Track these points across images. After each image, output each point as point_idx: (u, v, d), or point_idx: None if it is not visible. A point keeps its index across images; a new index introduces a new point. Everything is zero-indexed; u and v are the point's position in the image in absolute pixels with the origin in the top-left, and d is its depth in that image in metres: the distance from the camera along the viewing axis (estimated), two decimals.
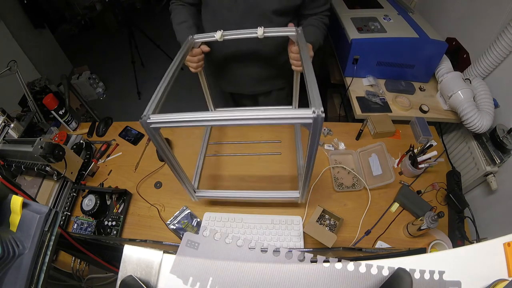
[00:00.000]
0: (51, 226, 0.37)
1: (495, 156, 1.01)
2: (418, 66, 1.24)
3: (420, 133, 1.04)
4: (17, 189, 0.40)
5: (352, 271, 0.33)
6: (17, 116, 1.13)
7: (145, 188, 0.99)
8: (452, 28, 1.29)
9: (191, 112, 0.53)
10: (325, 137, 1.10)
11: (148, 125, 0.54)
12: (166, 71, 0.67)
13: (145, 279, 0.36)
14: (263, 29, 0.76)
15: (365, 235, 0.84)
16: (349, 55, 1.23)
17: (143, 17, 3.74)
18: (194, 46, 0.83)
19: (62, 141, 1.08)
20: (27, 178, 0.96)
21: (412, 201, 0.87)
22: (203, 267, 0.36)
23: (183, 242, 0.38)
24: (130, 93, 2.69)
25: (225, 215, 0.87)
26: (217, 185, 0.98)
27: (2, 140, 0.97)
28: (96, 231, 0.88)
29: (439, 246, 0.78)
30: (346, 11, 1.40)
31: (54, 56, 2.78)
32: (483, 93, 1.05)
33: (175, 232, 0.88)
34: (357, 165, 0.98)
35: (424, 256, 0.34)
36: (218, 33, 0.78)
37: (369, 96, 1.22)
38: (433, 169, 0.96)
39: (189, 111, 0.54)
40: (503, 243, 0.33)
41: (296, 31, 0.78)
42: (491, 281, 0.31)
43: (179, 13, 0.93)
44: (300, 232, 0.82)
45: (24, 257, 0.34)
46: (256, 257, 0.37)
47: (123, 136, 1.16)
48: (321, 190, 0.94)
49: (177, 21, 0.92)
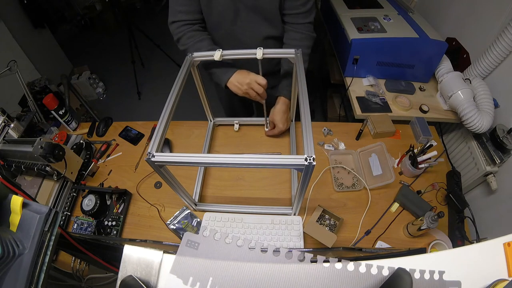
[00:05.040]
0: (51, 226, 0.37)
1: (495, 156, 1.01)
2: (418, 66, 1.24)
3: (420, 133, 1.04)
4: (17, 189, 0.40)
5: (352, 271, 0.33)
6: (17, 116, 1.13)
7: (145, 188, 0.99)
8: (452, 28, 1.29)
9: (193, 154, 0.59)
10: (325, 137, 1.10)
11: (153, 163, 0.60)
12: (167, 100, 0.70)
13: (145, 279, 0.36)
14: (262, 51, 0.79)
15: (365, 235, 0.84)
16: (349, 55, 1.23)
17: (143, 17, 3.74)
18: (194, 64, 0.84)
19: (62, 141, 1.08)
20: (27, 178, 0.96)
21: (412, 201, 0.87)
22: (203, 267, 0.36)
23: (183, 242, 0.38)
24: (130, 93, 2.69)
25: (225, 215, 0.87)
26: (216, 184, 0.99)
27: (2, 140, 0.97)
28: (96, 231, 0.88)
29: (439, 246, 0.78)
30: (346, 11, 1.39)
31: (54, 56, 2.78)
32: (483, 93, 1.05)
33: (175, 232, 0.88)
34: (357, 165, 0.98)
35: (424, 256, 0.34)
36: (217, 53, 0.80)
37: (369, 96, 1.22)
38: (433, 169, 0.96)
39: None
40: (503, 243, 0.33)
41: (295, 53, 0.80)
42: (491, 281, 0.31)
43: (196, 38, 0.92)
44: (300, 232, 0.82)
45: (24, 257, 0.34)
46: (256, 257, 0.37)
47: (123, 136, 1.16)
48: (321, 190, 0.94)
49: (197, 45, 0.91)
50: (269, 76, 0.90)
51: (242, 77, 0.90)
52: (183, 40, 0.93)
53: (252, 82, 0.88)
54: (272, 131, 1.07)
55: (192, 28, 0.92)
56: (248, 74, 0.90)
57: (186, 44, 0.92)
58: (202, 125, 1.15)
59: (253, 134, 1.13)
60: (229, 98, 1.35)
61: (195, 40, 0.91)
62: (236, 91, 0.92)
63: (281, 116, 1.02)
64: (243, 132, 1.14)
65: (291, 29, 0.94)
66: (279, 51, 0.83)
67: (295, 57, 0.79)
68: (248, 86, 0.89)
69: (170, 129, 1.16)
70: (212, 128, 1.13)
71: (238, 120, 1.14)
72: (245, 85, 0.89)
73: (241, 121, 1.14)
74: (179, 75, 0.75)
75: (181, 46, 0.94)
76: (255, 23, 0.92)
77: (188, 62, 0.80)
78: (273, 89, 1.03)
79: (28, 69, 2.26)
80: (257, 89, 0.89)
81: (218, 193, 0.97)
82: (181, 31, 0.92)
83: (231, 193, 0.97)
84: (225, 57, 0.82)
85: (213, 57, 0.80)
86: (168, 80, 1.84)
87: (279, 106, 1.02)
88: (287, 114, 1.04)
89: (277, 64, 1.04)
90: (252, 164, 0.57)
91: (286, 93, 1.00)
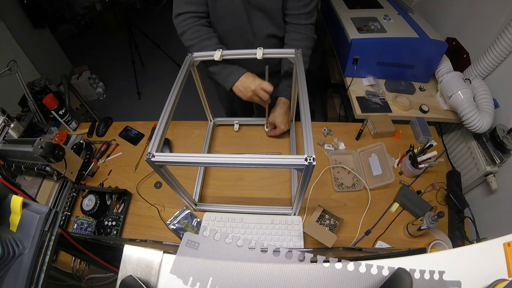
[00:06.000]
0: (51, 226, 0.37)
1: (495, 156, 1.01)
2: (418, 66, 1.24)
3: (420, 133, 1.04)
4: (17, 189, 0.40)
5: (352, 271, 0.33)
6: (17, 116, 1.13)
7: (145, 188, 0.99)
8: (452, 28, 1.29)
9: (193, 154, 0.59)
10: (325, 137, 1.10)
11: (153, 163, 0.60)
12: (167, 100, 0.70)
13: (145, 279, 0.36)
14: (262, 51, 0.79)
15: (365, 235, 0.84)
16: (349, 55, 1.23)
17: (143, 17, 3.74)
18: (194, 64, 0.84)
19: (62, 141, 1.08)
20: (27, 178, 0.96)
21: (412, 201, 0.87)
22: (203, 267, 0.36)
23: (183, 242, 0.38)
24: (130, 93, 2.69)
25: (225, 215, 0.87)
26: (216, 184, 0.99)
27: (2, 140, 0.97)
28: (96, 231, 0.88)
29: (439, 246, 0.78)
30: (346, 11, 1.39)
31: (54, 56, 2.78)
32: (483, 93, 1.05)
33: (175, 232, 0.88)
34: (357, 165, 0.98)
35: (424, 256, 0.34)
36: (217, 53, 0.80)
37: (369, 96, 1.22)
38: (433, 169, 0.96)
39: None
40: (503, 243, 0.33)
41: (295, 53, 0.80)
42: (491, 281, 0.31)
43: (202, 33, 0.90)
44: (300, 232, 0.82)
45: (24, 257, 0.34)
46: (256, 257, 0.37)
47: (123, 136, 1.16)
48: (321, 190, 0.94)
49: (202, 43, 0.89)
50: (269, 76, 0.90)
51: (248, 82, 0.88)
52: (188, 35, 0.89)
53: (258, 89, 0.87)
54: (273, 132, 1.07)
55: (199, 22, 0.89)
56: (254, 79, 0.88)
57: (191, 40, 0.89)
58: (202, 125, 1.15)
59: (253, 134, 1.13)
60: (229, 98, 1.35)
61: (201, 37, 0.89)
62: (240, 95, 0.91)
63: (282, 118, 1.02)
64: (243, 132, 1.14)
65: (292, 30, 0.94)
66: (279, 51, 0.83)
67: (295, 57, 0.79)
68: (253, 93, 0.88)
69: (170, 129, 1.15)
70: (212, 128, 1.13)
71: (238, 120, 1.14)
72: (250, 92, 0.88)
73: (241, 121, 1.14)
74: (179, 75, 0.75)
75: (186, 42, 0.91)
76: (259, 20, 0.91)
77: (188, 62, 0.80)
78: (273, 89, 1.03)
79: (28, 69, 2.26)
80: (262, 96, 0.88)
81: (218, 193, 0.97)
82: (187, 24, 0.89)
83: (231, 193, 0.97)
84: (225, 57, 0.81)
85: (213, 57, 0.80)
86: (168, 80, 1.84)
87: (279, 107, 1.02)
88: (287, 115, 1.04)
89: (277, 65, 1.04)
90: (252, 164, 0.57)
91: (287, 94, 1.00)
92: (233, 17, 0.91)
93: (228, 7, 0.88)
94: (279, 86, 1.01)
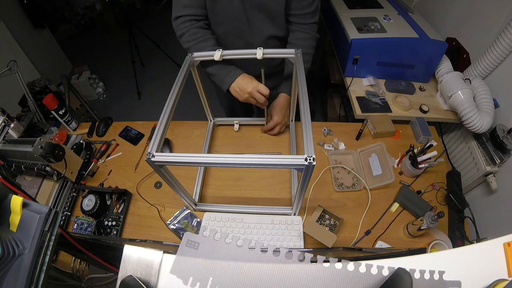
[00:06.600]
0: (51, 226, 0.37)
1: (495, 156, 1.01)
2: (418, 66, 1.24)
3: (420, 133, 1.04)
4: (17, 189, 0.40)
5: (352, 271, 0.33)
6: (17, 116, 1.13)
7: (145, 188, 0.99)
8: (452, 28, 1.29)
9: (193, 154, 0.59)
10: (325, 137, 1.10)
11: (153, 163, 0.60)
12: (167, 100, 0.70)
13: (145, 279, 0.36)
14: (262, 51, 0.79)
15: (365, 235, 0.84)
16: (349, 55, 1.23)
17: (143, 17, 3.74)
18: (194, 64, 0.84)
19: (62, 141, 1.08)
20: (27, 178, 0.96)
21: (412, 201, 0.87)
22: (203, 267, 0.36)
23: (183, 242, 0.38)
24: (130, 93, 2.69)
25: (225, 215, 0.87)
26: (216, 184, 0.99)
27: (2, 140, 0.97)
28: (96, 231, 0.88)
29: (439, 246, 0.78)
30: (346, 11, 1.39)
31: (54, 56, 2.78)
32: (483, 93, 1.05)
33: (175, 232, 0.88)
34: (357, 165, 0.98)
35: (424, 256, 0.34)
36: (217, 53, 0.80)
37: (369, 96, 1.22)
38: (433, 169, 0.96)
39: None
40: (503, 243, 0.33)
41: (295, 53, 0.80)
42: (491, 281, 0.31)
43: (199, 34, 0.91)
44: (300, 232, 0.82)
45: (24, 257, 0.34)
46: (256, 257, 0.37)
47: (123, 136, 1.16)
48: (321, 190, 0.94)
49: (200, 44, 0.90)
50: (269, 77, 0.90)
51: (245, 84, 0.89)
52: (186, 37, 0.90)
53: (254, 92, 0.87)
54: (268, 126, 1.07)
55: (197, 25, 0.90)
56: (250, 81, 0.88)
57: (189, 42, 0.90)
58: (202, 125, 1.15)
59: (253, 134, 1.13)
60: (229, 98, 1.34)
61: (199, 39, 0.89)
62: (236, 96, 0.92)
63: (279, 109, 1.02)
64: (243, 132, 1.14)
65: (297, 29, 0.94)
66: (279, 51, 0.83)
67: (295, 57, 0.79)
68: (249, 95, 0.88)
69: (170, 129, 1.15)
70: (212, 128, 1.13)
71: (238, 120, 1.14)
72: (246, 94, 0.89)
73: (241, 121, 1.14)
74: (179, 75, 0.75)
75: (184, 44, 0.92)
76: (260, 22, 0.91)
77: (188, 62, 0.80)
78: (273, 90, 1.02)
79: (28, 69, 2.26)
80: (258, 98, 0.88)
81: (218, 193, 0.97)
82: (185, 27, 0.89)
83: (231, 193, 0.97)
84: (225, 57, 0.81)
85: (213, 57, 0.80)
86: (168, 80, 1.85)
87: (278, 100, 1.02)
88: (285, 108, 1.03)
89: (277, 65, 1.04)
90: (252, 164, 0.57)
91: (288, 91, 1.00)
92: (232, 19, 0.91)
93: (227, 9, 0.88)
94: (282, 84, 1.01)
